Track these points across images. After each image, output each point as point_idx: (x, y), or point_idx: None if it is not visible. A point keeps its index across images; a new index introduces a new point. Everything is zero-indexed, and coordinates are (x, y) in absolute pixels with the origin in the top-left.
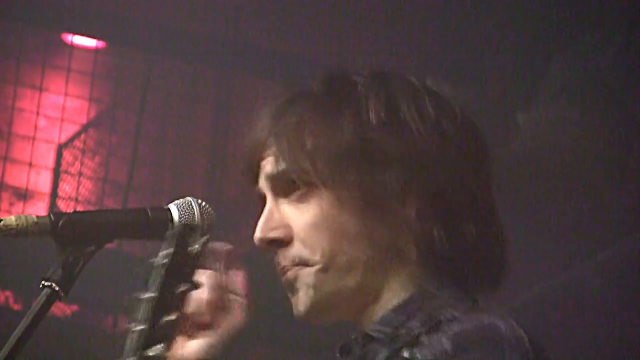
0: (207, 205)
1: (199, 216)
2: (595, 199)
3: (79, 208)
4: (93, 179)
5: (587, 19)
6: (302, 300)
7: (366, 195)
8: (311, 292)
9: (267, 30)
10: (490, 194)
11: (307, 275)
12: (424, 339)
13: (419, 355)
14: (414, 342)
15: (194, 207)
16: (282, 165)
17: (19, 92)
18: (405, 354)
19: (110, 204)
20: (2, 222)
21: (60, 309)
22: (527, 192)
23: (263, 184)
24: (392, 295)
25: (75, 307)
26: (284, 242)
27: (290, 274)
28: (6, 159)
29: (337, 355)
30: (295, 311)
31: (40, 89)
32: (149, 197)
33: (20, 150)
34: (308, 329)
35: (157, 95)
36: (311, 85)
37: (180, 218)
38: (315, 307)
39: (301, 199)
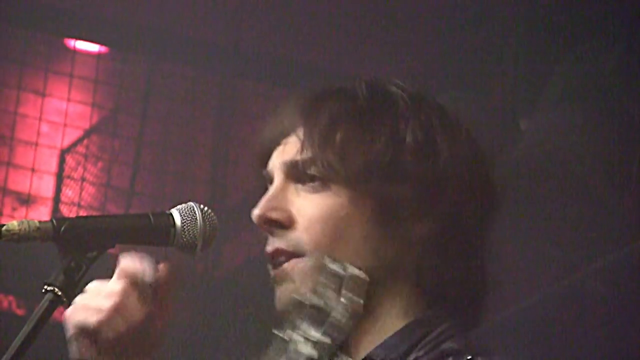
0: (210, 211)
1: (201, 221)
2: (598, 205)
3: (82, 213)
4: (96, 184)
5: (589, 25)
6: (285, 292)
7: (381, 205)
8: (297, 285)
9: (270, 35)
10: (488, 233)
11: (298, 267)
12: None
13: None
14: None
15: (197, 212)
16: (308, 154)
17: (22, 98)
18: None
19: (113, 209)
20: (4, 228)
21: (62, 313)
22: (529, 197)
23: (275, 166)
24: (392, 320)
25: None
26: (284, 225)
27: (287, 265)
28: (9, 164)
29: None
30: (277, 303)
31: (43, 95)
32: (151, 203)
33: (23, 156)
34: None
35: (159, 101)
36: (352, 86)
37: (182, 223)
38: (298, 302)
39: (315, 190)
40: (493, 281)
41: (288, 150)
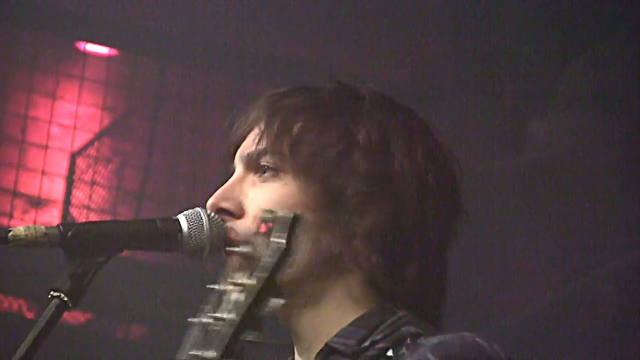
0: (216, 216)
1: (208, 227)
2: (608, 207)
3: (92, 216)
4: (106, 187)
5: (599, 28)
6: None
7: (326, 196)
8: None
9: (281, 38)
10: (445, 242)
11: (249, 256)
12: (392, 352)
13: None
14: (381, 356)
15: (203, 218)
16: (263, 145)
17: (33, 100)
18: None
19: (124, 212)
20: (11, 233)
21: (74, 317)
22: (539, 200)
23: (237, 159)
24: (348, 312)
25: (89, 315)
26: (234, 215)
27: (236, 252)
28: (19, 166)
29: None
30: None
31: (54, 97)
32: (162, 205)
33: (34, 158)
34: None
35: (170, 103)
36: (321, 86)
37: (189, 229)
38: None
39: (266, 180)
40: (499, 283)
41: (249, 143)
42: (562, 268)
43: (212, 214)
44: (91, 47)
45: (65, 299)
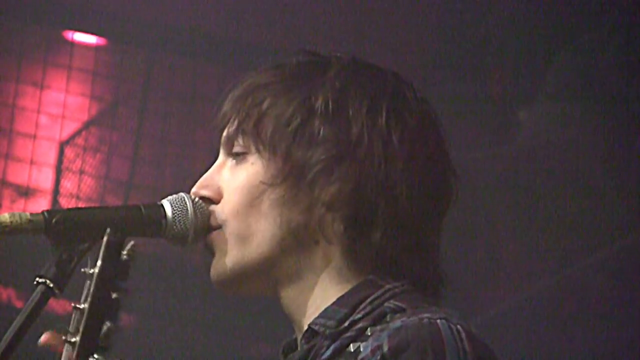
0: (201, 202)
1: (192, 212)
2: (597, 197)
3: (81, 205)
4: (94, 177)
5: (587, 17)
6: (214, 265)
7: (290, 168)
8: (220, 256)
9: (269, 27)
10: (422, 203)
11: (218, 238)
12: (370, 331)
13: (362, 349)
14: (360, 336)
15: (187, 203)
16: (234, 127)
17: (20, 90)
18: (352, 349)
19: (112, 201)
20: None
21: (61, 305)
22: (528, 189)
23: (221, 144)
24: (332, 288)
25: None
26: (214, 201)
27: (209, 237)
28: (7, 156)
29: (281, 356)
30: (211, 278)
31: (42, 87)
32: (150, 195)
33: (22, 148)
34: None
35: (158, 93)
36: (290, 59)
37: (173, 214)
38: (224, 274)
39: (238, 163)
40: (488, 273)
41: (229, 126)
42: (550, 257)
43: (197, 199)
44: (79, 37)
45: (51, 285)
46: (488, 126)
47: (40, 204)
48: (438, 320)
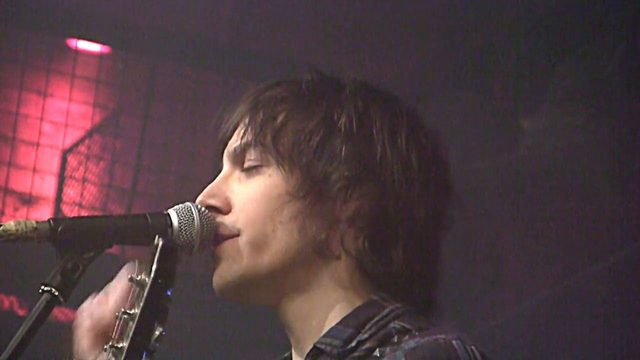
0: (207, 211)
1: (199, 222)
2: (599, 205)
3: (84, 213)
4: (97, 185)
5: (591, 25)
6: (219, 271)
7: (310, 183)
8: (230, 263)
9: (272, 35)
10: (435, 225)
11: (231, 246)
12: (378, 352)
13: None
14: (368, 356)
15: (194, 213)
16: (247, 138)
17: (24, 98)
18: None
19: (115, 209)
20: (1, 228)
21: (64, 314)
22: (531, 197)
23: (225, 155)
24: (338, 306)
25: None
26: (222, 211)
27: (224, 244)
28: (11, 164)
29: None
30: (213, 284)
31: (45, 95)
32: (153, 203)
33: (25, 156)
34: None
35: (161, 101)
36: (303, 77)
37: (179, 223)
38: (232, 280)
39: (251, 175)
40: (491, 281)
41: (235, 138)
42: (553, 266)
43: (203, 209)
44: (82, 45)
45: (56, 293)
46: (491, 135)
47: (43, 212)
48: (453, 341)
